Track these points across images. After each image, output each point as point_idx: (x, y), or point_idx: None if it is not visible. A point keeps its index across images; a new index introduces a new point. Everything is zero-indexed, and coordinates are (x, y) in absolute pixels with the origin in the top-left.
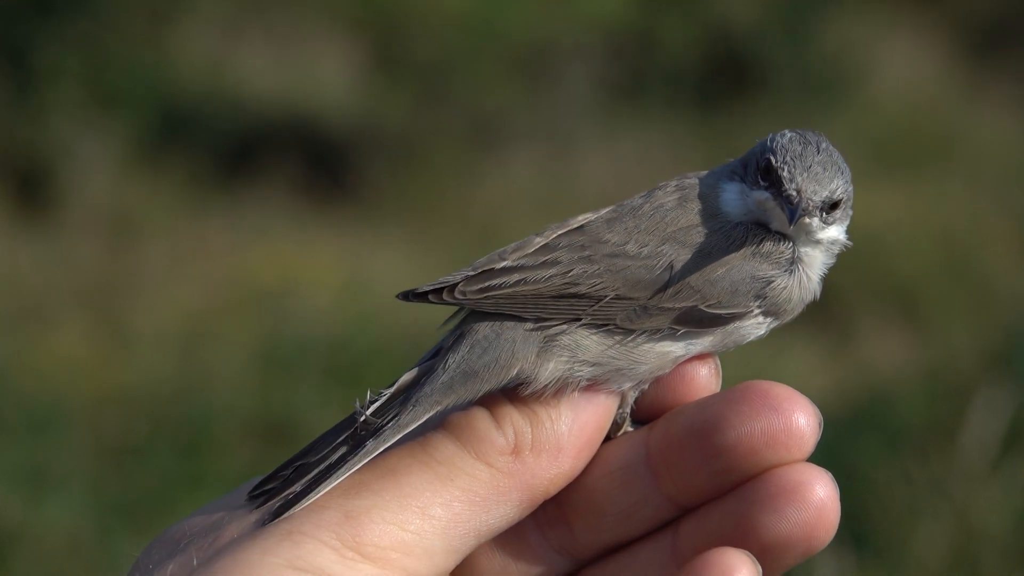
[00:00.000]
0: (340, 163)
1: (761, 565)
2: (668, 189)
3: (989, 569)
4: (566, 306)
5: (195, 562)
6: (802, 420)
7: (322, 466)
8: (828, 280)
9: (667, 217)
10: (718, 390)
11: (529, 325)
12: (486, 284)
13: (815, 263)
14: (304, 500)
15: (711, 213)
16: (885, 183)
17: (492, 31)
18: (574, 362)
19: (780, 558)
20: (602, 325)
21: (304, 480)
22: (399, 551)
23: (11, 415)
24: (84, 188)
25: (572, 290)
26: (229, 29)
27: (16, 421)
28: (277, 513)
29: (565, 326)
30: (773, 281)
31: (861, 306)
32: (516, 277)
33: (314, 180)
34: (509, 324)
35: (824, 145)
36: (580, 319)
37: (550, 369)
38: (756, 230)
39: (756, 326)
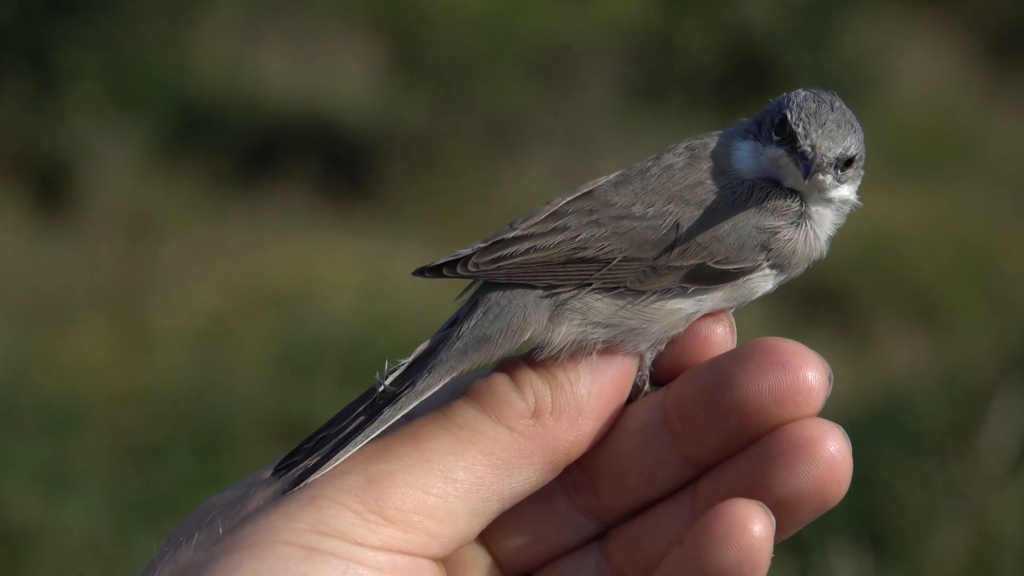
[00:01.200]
0: (359, 164)
1: (775, 522)
2: (677, 150)
3: (1007, 572)
4: (575, 271)
5: (220, 531)
6: (811, 375)
7: (341, 435)
8: (846, 283)
9: (674, 177)
10: (733, 347)
11: (540, 292)
12: (497, 255)
13: (824, 221)
14: (324, 467)
15: (720, 171)
16: (904, 186)
17: (511, 33)
18: (586, 324)
19: (794, 514)
20: (612, 288)
21: (324, 449)
22: (422, 514)
23: (30, 414)
24: (103, 188)
25: (580, 254)
26: (248, 30)
27: (35, 420)
28: (298, 480)
29: (576, 291)
30: (779, 232)
31: (880, 309)
32: (526, 245)
33: (333, 181)
34: (520, 291)
35: (838, 104)
36: (590, 284)
37: (563, 332)
38: (765, 185)
39: (763, 279)
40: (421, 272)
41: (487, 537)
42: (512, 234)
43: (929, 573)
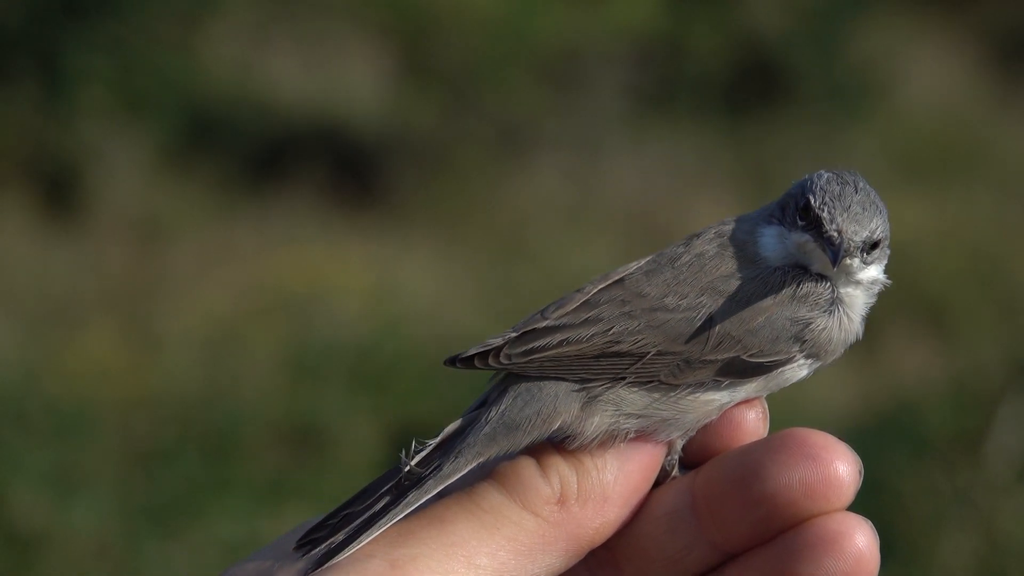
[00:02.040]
0: (368, 168)
1: None
2: (707, 237)
3: None
4: (608, 365)
5: None
6: (841, 469)
7: (366, 515)
8: None
9: (706, 267)
10: (765, 434)
11: (572, 383)
12: (529, 346)
13: (856, 303)
14: (347, 549)
15: (749, 259)
16: (913, 193)
17: (521, 38)
18: (619, 415)
19: None
20: (646, 382)
21: (348, 529)
22: None
23: (39, 418)
24: (113, 192)
25: (614, 348)
26: (258, 34)
27: (44, 424)
28: (321, 562)
29: (609, 384)
30: (812, 323)
31: (888, 316)
32: (559, 337)
33: (342, 185)
34: (552, 380)
35: (861, 185)
36: (624, 378)
37: (595, 423)
38: (794, 273)
39: (799, 368)
40: (452, 362)
41: None
42: (544, 323)
43: None
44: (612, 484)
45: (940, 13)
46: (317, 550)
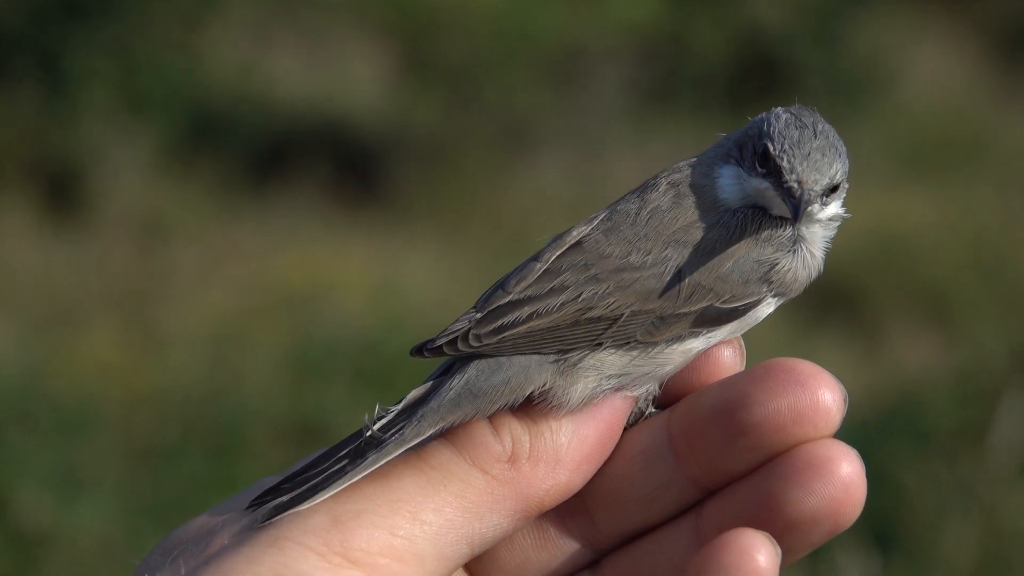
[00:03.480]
0: (371, 166)
1: (786, 544)
2: (660, 188)
3: (1018, 571)
4: (584, 333)
5: (183, 572)
6: (828, 396)
7: (321, 476)
8: (858, 282)
9: (665, 219)
10: (743, 368)
11: (549, 355)
12: (498, 324)
13: (816, 239)
14: (300, 505)
15: (709, 204)
16: (916, 186)
17: (523, 34)
18: (601, 378)
19: (806, 536)
20: (624, 343)
21: (301, 488)
22: (388, 556)
23: (43, 417)
24: (115, 192)
25: (587, 315)
26: (260, 33)
27: (48, 423)
28: (269, 515)
29: (587, 352)
30: (778, 263)
31: (892, 309)
32: (527, 311)
33: (345, 183)
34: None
35: (821, 127)
36: (601, 343)
37: (579, 389)
38: (754, 214)
39: (767, 307)
40: (420, 351)
41: (474, 567)
42: (507, 299)
43: (939, 572)
44: (565, 447)
45: (942, 7)
46: (265, 507)
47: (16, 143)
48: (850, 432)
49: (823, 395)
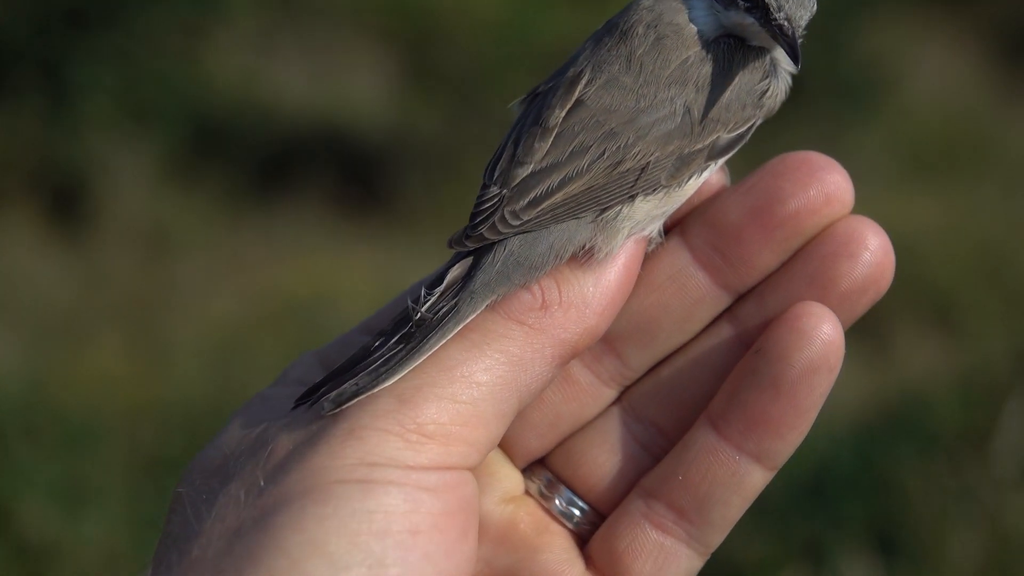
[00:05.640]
0: (374, 174)
1: (839, 317)
2: (639, 32)
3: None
4: (616, 187)
5: (261, 481)
6: (841, 177)
7: (378, 363)
8: None
9: (657, 62)
10: (728, 182)
11: (588, 216)
12: (531, 196)
13: (785, 62)
14: (373, 389)
15: (690, 40)
16: (920, 189)
17: (525, 41)
18: (633, 225)
19: (855, 305)
20: (652, 190)
21: (361, 375)
22: (458, 423)
23: (47, 430)
24: (118, 202)
25: (618, 169)
26: (262, 41)
27: (52, 435)
28: (332, 408)
29: (620, 206)
30: (768, 88)
31: (896, 312)
32: (557, 178)
33: (348, 191)
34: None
35: None
36: (632, 196)
37: (619, 240)
38: (735, 44)
39: (754, 129)
40: (460, 242)
41: (509, 434)
42: (529, 170)
43: None
44: (592, 290)
45: (946, 9)
46: (325, 399)
47: (19, 155)
48: (854, 435)
49: (840, 177)
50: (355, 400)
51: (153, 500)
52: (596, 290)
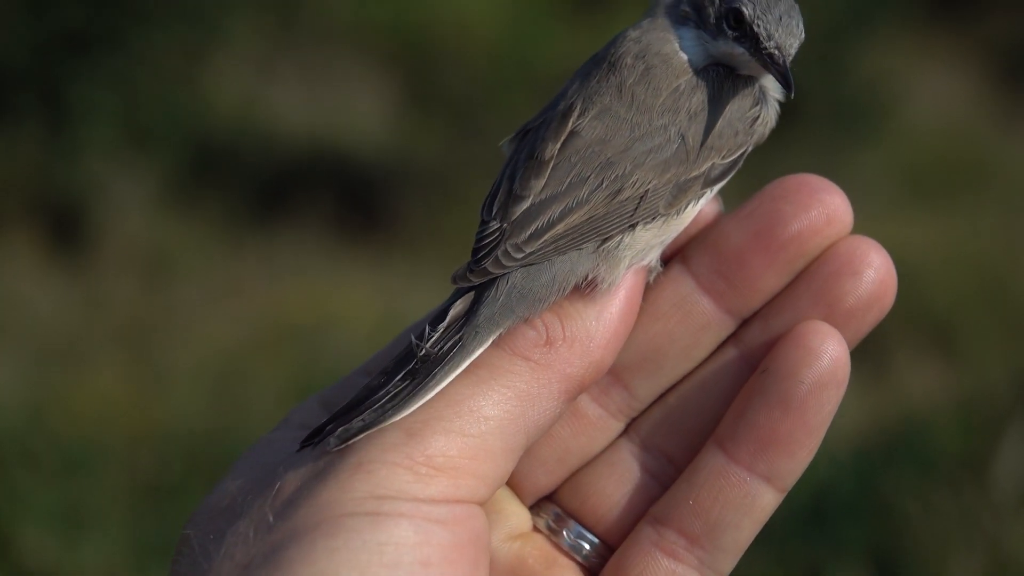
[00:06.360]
0: (374, 198)
1: (844, 336)
2: (628, 62)
3: None
4: (617, 217)
5: (270, 518)
6: (840, 198)
7: (385, 399)
8: None
9: (648, 90)
10: (722, 211)
11: (589, 247)
12: (532, 229)
13: (773, 90)
14: (372, 428)
15: (679, 69)
16: (919, 212)
17: (525, 63)
18: (634, 255)
19: (860, 323)
20: (651, 218)
21: (367, 412)
22: (467, 456)
23: (46, 455)
24: (118, 226)
25: (617, 198)
26: (262, 65)
27: (51, 462)
28: (338, 444)
29: (621, 236)
30: (759, 116)
31: (895, 336)
32: (557, 209)
33: (348, 215)
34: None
35: None
36: (632, 224)
37: (621, 270)
38: (724, 73)
39: (745, 156)
40: (464, 278)
41: (517, 472)
42: (528, 202)
43: None
44: (595, 325)
45: (945, 32)
46: (336, 434)
47: (19, 179)
48: (854, 459)
49: (839, 198)
50: (361, 435)
51: (152, 526)
52: (599, 324)
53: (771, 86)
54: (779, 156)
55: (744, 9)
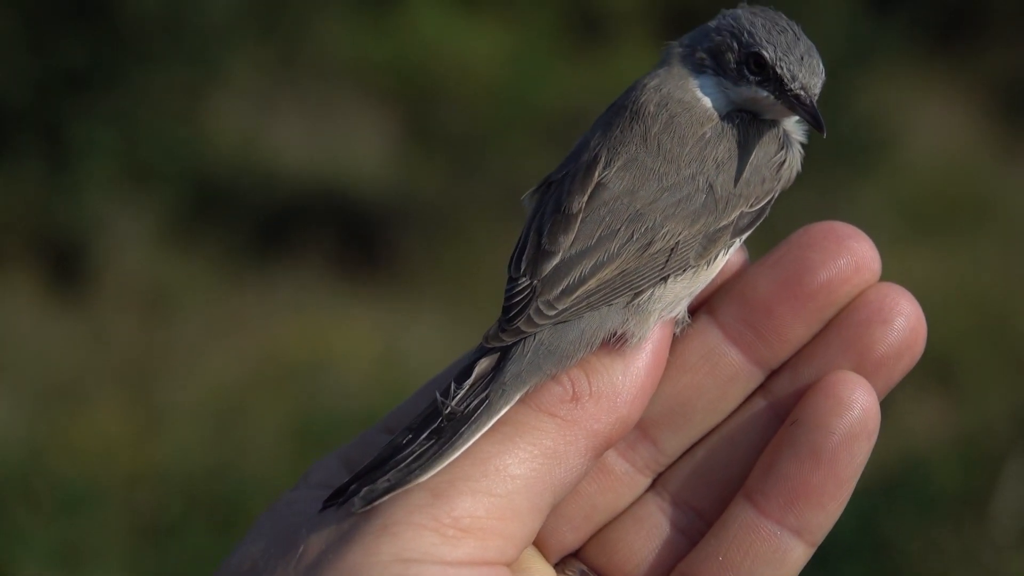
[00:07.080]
0: (374, 235)
1: (875, 386)
2: (650, 112)
3: None
4: (648, 270)
5: None
6: (868, 244)
7: (410, 459)
8: None
9: (673, 139)
10: (748, 259)
11: (621, 301)
12: (564, 285)
13: (795, 133)
14: (398, 489)
15: (702, 117)
16: (919, 247)
17: (526, 100)
18: (663, 308)
19: (892, 372)
20: (682, 270)
21: (392, 472)
22: (494, 517)
23: (46, 494)
24: (118, 264)
25: (648, 251)
26: (262, 102)
27: (51, 500)
28: (363, 506)
29: (651, 289)
30: (784, 160)
31: None
32: (588, 264)
33: (348, 252)
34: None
35: (794, 26)
36: (663, 277)
37: (651, 322)
38: (748, 119)
39: (773, 201)
40: (496, 336)
41: (544, 531)
42: (559, 258)
43: None
44: (621, 379)
45: (945, 67)
46: (356, 497)
47: (20, 216)
48: (854, 497)
49: (867, 244)
50: (387, 496)
51: (151, 565)
52: (625, 379)
53: (793, 129)
54: (781, 192)
55: (765, 52)
